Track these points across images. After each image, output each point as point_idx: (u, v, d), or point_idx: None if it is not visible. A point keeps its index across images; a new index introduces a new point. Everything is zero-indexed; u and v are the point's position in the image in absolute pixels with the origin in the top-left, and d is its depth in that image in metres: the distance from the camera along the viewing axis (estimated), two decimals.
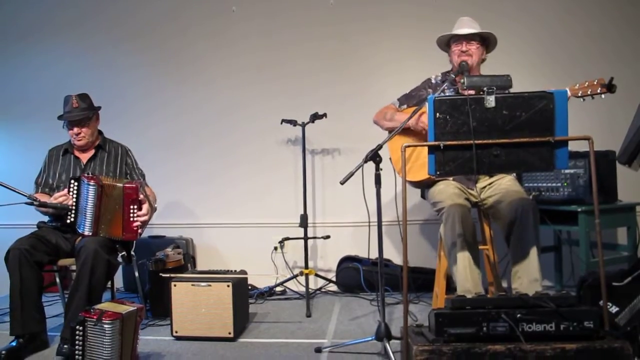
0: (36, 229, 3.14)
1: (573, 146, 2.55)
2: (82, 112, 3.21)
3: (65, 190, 3.05)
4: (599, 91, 2.61)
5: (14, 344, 2.77)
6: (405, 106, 3.24)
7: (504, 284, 3.33)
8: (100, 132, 3.41)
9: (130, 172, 3.38)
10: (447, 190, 2.87)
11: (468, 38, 3.05)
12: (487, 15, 3.53)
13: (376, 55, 4.32)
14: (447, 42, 3.17)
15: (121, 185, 3.05)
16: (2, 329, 3.25)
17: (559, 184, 3.44)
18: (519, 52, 4.05)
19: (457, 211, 2.72)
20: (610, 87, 2.59)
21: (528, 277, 2.66)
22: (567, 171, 3.40)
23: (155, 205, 3.25)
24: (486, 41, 3.11)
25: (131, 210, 3.03)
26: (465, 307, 2.19)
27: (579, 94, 2.64)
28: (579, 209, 3.29)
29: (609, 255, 3.55)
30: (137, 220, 3.04)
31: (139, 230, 3.08)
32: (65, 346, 2.64)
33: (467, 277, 2.67)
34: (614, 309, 2.50)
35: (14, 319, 2.80)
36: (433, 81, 3.22)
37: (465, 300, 2.24)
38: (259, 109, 4.40)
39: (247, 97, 4.42)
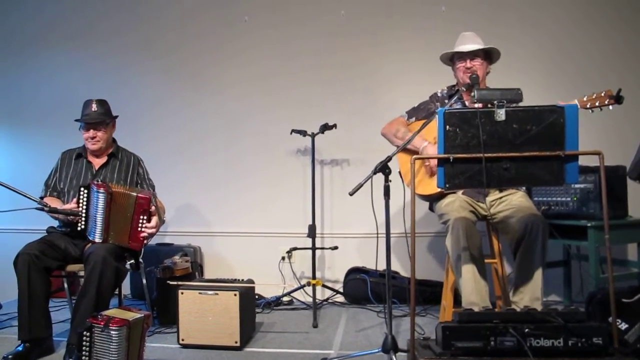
0: (45, 234, 3.16)
1: (583, 161, 2.53)
2: (99, 115, 3.26)
3: (75, 200, 3.06)
4: (607, 102, 2.62)
5: (20, 348, 2.79)
6: (413, 119, 3.26)
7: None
8: (114, 140, 3.44)
9: (141, 183, 3.40)
10: (454, 203, 2.87)
11: (472, 54, 3.06)
12: (492, 28, 3.53)
13: (386, 67, 4.33)
14: (450, 57, 3.18)
15: (135, 194, 3.06)
16: (9, 332, 3.27)
17: (569, 199, 3.42)
18: (525, 64, 4.04)
19: (462, 224, 2.71)
20: (618, 99, 2.59)
21: (530, 295, 2.68)
22: (577, 186, 3.39)
23: (164, 218, 3.27)
24: (489, 55, 3.12)
25: (140, 220, 3.04)
26: (472, 320, 2.18)
27: (588, 106, 2.65)
28: (589, 224, 3.26)
29: (619, 271, 3.52)
30: (144, 231, 3.05)
31: (145, 241, 3.09)
32: (72, 346, 2.65)
33: (472, 290, 2.67)
34: (623, 326, 2.48)
35: (21, 324, 2.82)
36: (439, 94, 3.25)
37: (472, 313, 2.23)
38: (270, 118, 4.41)
39: (258, 106, 4.45)
